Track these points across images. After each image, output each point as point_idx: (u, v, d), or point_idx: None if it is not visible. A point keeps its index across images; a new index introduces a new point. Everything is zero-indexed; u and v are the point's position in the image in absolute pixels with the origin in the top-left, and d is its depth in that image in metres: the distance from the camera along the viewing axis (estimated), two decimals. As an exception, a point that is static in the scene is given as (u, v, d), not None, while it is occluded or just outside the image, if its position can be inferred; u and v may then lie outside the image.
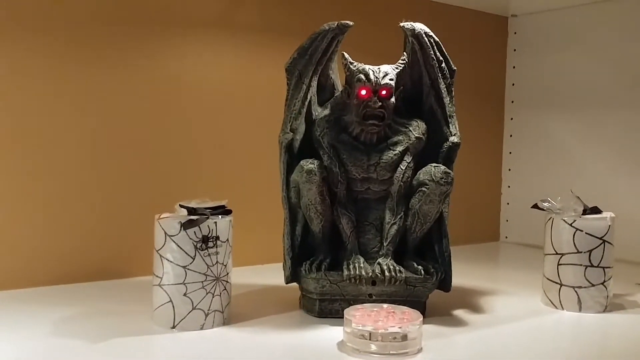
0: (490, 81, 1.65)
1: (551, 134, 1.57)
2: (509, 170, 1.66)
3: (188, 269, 0.82)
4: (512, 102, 1.65)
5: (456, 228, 1.53)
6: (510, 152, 1.66)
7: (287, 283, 0.93)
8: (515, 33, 1.65)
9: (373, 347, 0.75)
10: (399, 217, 0.92)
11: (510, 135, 1.66)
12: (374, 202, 0.94)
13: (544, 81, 1.58)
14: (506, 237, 1.67)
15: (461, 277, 1.16)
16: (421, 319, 0.78)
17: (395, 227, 0.92)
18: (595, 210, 1.01)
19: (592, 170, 1.48)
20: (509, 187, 1.66)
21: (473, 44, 1.60)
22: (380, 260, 0.91)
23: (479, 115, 1.62)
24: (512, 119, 1.66)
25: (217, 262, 0.84)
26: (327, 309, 0.91)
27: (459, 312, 0.96)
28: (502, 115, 1.67)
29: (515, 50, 1.65)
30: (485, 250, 1.58)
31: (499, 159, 1.67)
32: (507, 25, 1.66)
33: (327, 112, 0.94)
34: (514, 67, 1.65)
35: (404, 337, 0.76)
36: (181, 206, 0.85)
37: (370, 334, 0.75)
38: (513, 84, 1.65)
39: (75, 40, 1.07)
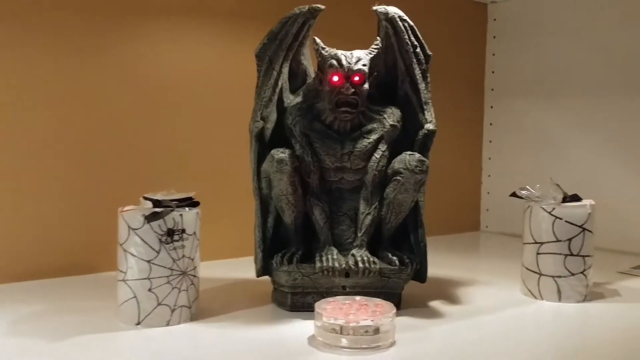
0: (470, 69, 1.63)
1: (532, 122, 1.55)
2: (489, 159, 1.64)
3: (153, 263, 0.79)
4: (492, 89, 1.63)
5: (436, 218, 1.51)
6: (490, 141, 1.64)
7: (258, 276, 0.91)
8: (494, 20, 1.62)
9: (344, 342, 0.72)
10: (373, 207, 0.90)
11: (490, 124, 1.64)
12: (348, 192, 0.92)
13: (524, 68, 1.56)
14: (487, 227, 1.65)
15: (440, 267, 1.14)
16: (394, 311, 0.76)
17: (369, 217, 0.90)
18: (575, 198, 0.99)
19: (573, 157, 1.46)
20: (489, 176, 1.64)
21: (452, 30, 1.57)
22: (354, 251, 0.88)
23: (459, 104, 1.59)
24: (492, 107, 1.63)
25: (183, 256, 0.80)
26: (300, 302, 0.88)
27: (436, 304, 0.94)
28: (482, 103, 1.65)
29: (494, 37, 1.62)
30: (465, 240, 1.56)
31: (478, 148, 1.65)
32: (487, 11, 1.63)
33: (299, 99, 0.91)
34: (493, 55, 1.63)
35: (376, 331, 0.73)
36: (145, 198, 0.82)
37: (341, 327, 0.73)
38: (493, 72, 1.63)
39: (41, 29, 1.03)
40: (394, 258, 0.88)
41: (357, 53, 0.88)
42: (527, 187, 0.99)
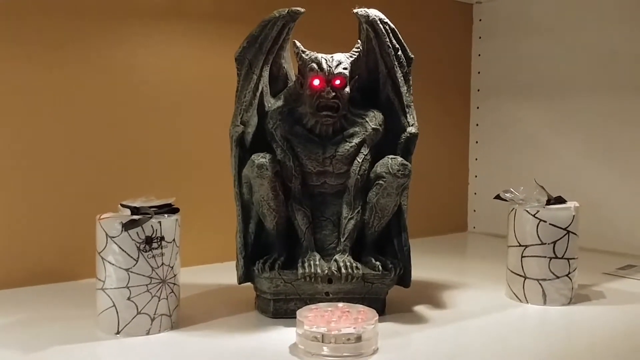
0: (456, 69, 1.62)
1: (518, 122, 1.55)
2: (476, 159, 1.64)
3: (131, 271, 0.78)
4: (478, 90, 1.63)
5: (423, 219, 1.52)
6: (476, 142, 1.64)
7: (239, 283, 0.90)
8: (480, 20, 1.62)
9: (326, 350, 0.72)
10: (356, 211, 0.89)
11: (477, 124, 1.63)
12: (330, 197, 0.91)
13: (510, 69, 1.56)
14: (474, 228, 1.65)
15: (426, 270, 1.14)
16: (376, 318, 0.75)
17: (352, 222, 0.89)
18: (560, 200, 0.99)
19: (558, 157, 1.46)
20: (476, 176, 1.64)
21: (438, 31, 1.57)
22: (337, 256, 0.88)
23: (445, 105, 1.59)
24: (478, 107, 1.63)
25: (162, 263, 0.79)
26: (282, 309, 0.87)
27: (420, 308, 0.93)
28: (468, 104, 1.64)
29: (480, 37, 1.62)
30: (452, 242, 1.55)
31: (465, 149, 1.65)
32: (472, 12, 1.63)
33: (280, 103, 0.91)
34: (479, 55, 1.62)
35: (358, 338, 0.72)
36: (123, 205, 0.80)
37: (323, 335, 0.72)
38: (479, 72, 1.62)
39: (19, 35, 1.02)
40: (377, 263, 0.88)
41: (338, 56, 0.87)
42: (511, 189, 0.99)
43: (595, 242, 1.36)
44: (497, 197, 1.01)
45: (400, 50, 0.91)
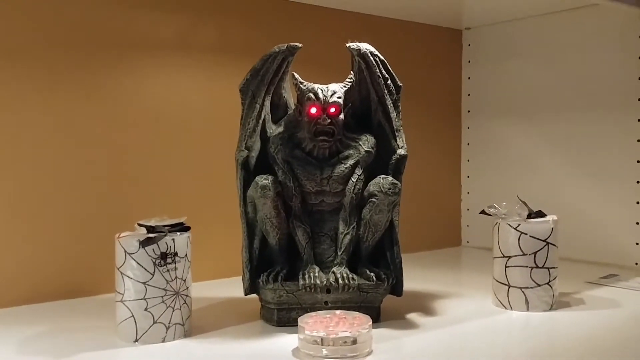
0: (447, 92, 1.71)
1: (506, 141, 1.63)
2: (468, 177, 1.72)
3: (148, 284, 0.85)
4: (469, 111, 1.71)
5: (420, 234, 1.60)
6: (468, 160, 1.72)
7: (246, 295, 0.97)
8: (469, 45, 1.71)
9: (325, 352, 0.79)
10: (351, 227, 0.97)
11: (468, 144, 1.72)
12: (328, 214, 0.99)
13: (498, 91, 1.64)
14: (467, 242, 1.73)
15: (419, 281, 1.21)
16: (370, 323, 0.83)
17: (348, 236, 0.97)
18: (540, 214, 1.06)
19: (545, 174, 1.54)
20: (468, 193, 1.72)
21: (429, 57, 1.66)
22: (334, 269, 0.95)
23: (437, 126, 1.68)
24: (469, 127, 1.72)
25: (176, 277, 0.87)
26: (285, 317, 0.95)
27: (412, 316, 1.00)
28: (460, 124, 1.73)
29: (469, 61, 1.71)
30: (446, 255, 1.63)
31: (458, 167, 1.73)
32: (462, 38, 1.72)
33: (280, 129, 0.99)
34: (469, 78, 1.71)
35: (354, 341, 0.80)
36: (140, 225, 0.89)
37: (322, 339, 0.80)
38: (469, 94, 1.71)
39: (34, 64, 1.10)
40: (372, 274, 0.95)
41: (333, 87, 0.96)
42: (495, 205, 1.07)
43: (581, 253, 1.44)
44: (482, 212, 1.09)
45: (389, 80, 1.00)
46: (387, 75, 1.00)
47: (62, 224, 1.14)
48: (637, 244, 1.38)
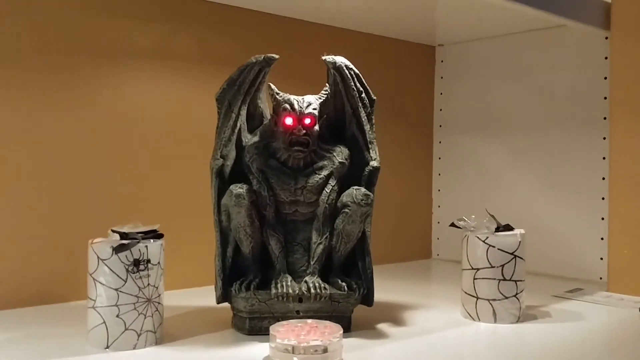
0: (419, 107, 1.74)
1: (477, 156, 1.66)
2: (439, 190, 1.75)
3: (120, 291, 0.85)
4: (440, 126, 1.74)
5: (391, 247, 1.62)
6: (439, 174, 1.75)
7: (218, 303, 0.98)
8: (442, 61, 1.74)
9: (296, 360, 0.80)
10: (324, 237, 0.98)
11: (439, 158, 1.75)
12: (301, 224, 1.00)
13: (469, 107, 1.68)
14: (438, 255, 1.75)
15: (390, 293, 1.23)
16: (341, 332, 0.84)
17: (321, 246, 0.98)
18: (508, 228, 1.09)
19: (514, 189, 1.57)
20: (439, 206, 1.75)
21: (402, 72, 1.69)
22: (307, 278, 0.96)
23: (409, 140, 1.70)
24: (440, 142, 1.75)
25: (148, 284, 0.87)
26: (257, 326, 0.95)
27: (382, 326, 1.02)
28: (431, 139, 1.76)
29: (442, 77, 1.74)
30: (417, 267, 1.65)
31: (429, 181, 1.76)
32: (435, 54, 1.75)
33: (256, 139, 1.00)
34: (441, 94, 1.74)
35: (325, 350, 0.81)
36: (113, 231, 0.89)
37: (293, 347, 0.80)
38: (441, 109, 1.74)
39: (10, 70, 1.10)
40: (343, 284, 0.96)
41: (308, 98, 0.97)
42: (464, 217, 1.09)
43: (547, 268, 1.47)
44: (452, 224, 1.11)
45: (364, 93, 1.01)
46: (361, 89, 1.01)
47: (35, 230, 1.13)
48: (601, 259, 1.42)
